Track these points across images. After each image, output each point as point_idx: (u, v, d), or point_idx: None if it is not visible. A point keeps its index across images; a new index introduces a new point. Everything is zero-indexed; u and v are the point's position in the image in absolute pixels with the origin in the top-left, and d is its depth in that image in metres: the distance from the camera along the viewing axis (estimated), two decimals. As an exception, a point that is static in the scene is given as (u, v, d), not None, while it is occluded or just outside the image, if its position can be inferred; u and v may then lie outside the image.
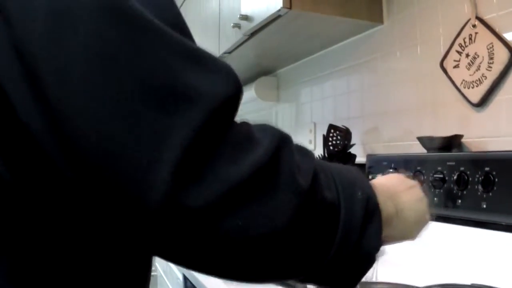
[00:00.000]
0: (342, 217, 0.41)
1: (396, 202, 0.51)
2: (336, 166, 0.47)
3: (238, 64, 2.12)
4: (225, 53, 1.89)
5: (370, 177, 1.44)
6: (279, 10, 1.38)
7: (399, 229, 0.51)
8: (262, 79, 2.28)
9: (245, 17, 1.58)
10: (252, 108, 2.58)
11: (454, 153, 1.15)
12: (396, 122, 1.50)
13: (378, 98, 1.58)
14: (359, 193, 0.44)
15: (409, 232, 0.53)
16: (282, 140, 0.39)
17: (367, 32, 1.61)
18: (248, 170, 0.35)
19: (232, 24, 1.67)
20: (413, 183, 0.56)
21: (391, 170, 1.31)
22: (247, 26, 1.59)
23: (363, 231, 0.43)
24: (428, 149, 1.23)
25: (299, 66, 2.11)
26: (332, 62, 1.83)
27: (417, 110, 1.40)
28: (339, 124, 1.71)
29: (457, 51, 1.24)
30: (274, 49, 1.89)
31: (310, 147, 2.01)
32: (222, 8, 1.90)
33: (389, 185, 0.53)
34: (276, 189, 0.36)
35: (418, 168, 1.24)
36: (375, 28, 1.57)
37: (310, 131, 2.00)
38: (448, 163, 1.15)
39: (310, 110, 2.03)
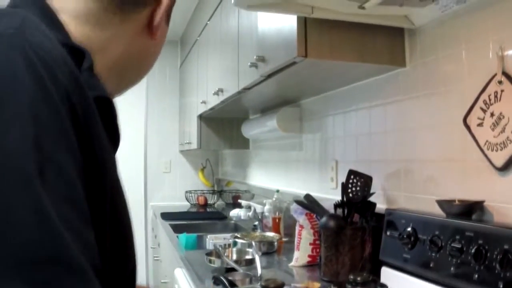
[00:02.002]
0: None
1: None
2: None
3: (259, 96, 2.09)
4: (244, 89, 1.86)
5: (388, 233, 1.37)
6: (294, 58, 1.33)
7: None
8: (285, 110, 2.23)
9: (262, 59, 1.55)
10: (275, 136, 2.54)
11: (473, 224, 1.07)
12: (418, 172, 1.42)
13: (401, 144, 1.51)
14: None
15: None
16: None
17: (389, 73, 1.54)
18: None
19: (249, 64, 1.64)
20: None
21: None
22: (264, 68, 1.56)
23: None
24: (447, 214, 1.15)
25: (322, 99, 2.05)
26: (355, 99, 1.76)
27: (439, 164, 1.32)
28: (360, 165, 1.65)
29: (482, 108, 1.16)
30: (294, 86, 1.84)
31: (331, 185, 1.95)
32: (241, 45, 1.87)
33: None
34: None
35: (436, 232, 1.17)
36: (398, 70, 1.50)
37: (332, 168, 1.94)
38: (466, 233, 1.07)
39: (332, 146, 1.97)
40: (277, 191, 2.38)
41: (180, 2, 1.61)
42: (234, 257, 1.78)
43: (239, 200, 2.66)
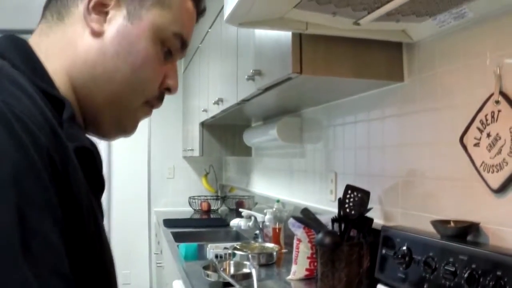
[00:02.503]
0: None
1: None
2: None
3: (259, 106, 2.08)
4: (243, 100, 1.85)
5: (383, 251, 1.35)
6: (289, 74, 1.32)
7: None
8: (285, 120, 2.22)
9: (258, 72, 1.54)
10: (276, 144, 2.53)
11: (467, 247, 1.05)
12: (415, 189, 1.40)
13: (398, 159, 1.49)
14: None
15: None
16: None
17: (388, 87, 1.52)
18: None
19: (246, 77, 1.63)
20: None
21: None
22: (261, 81, 1.54)
23: None
24: (442, 235, 1.13)
25: (322, 109, 2.03)
26: (355, 111, 1.75)
27: (436, 182, 1.30)
28: (359, 179, 1.63)
29: (478, 128, 1.14)
30: (294, 97, 1.83)
31: (331, 197, 1.94)
32: (240, 55, 1.86)
33: None
34: None
35: (431, 254, 1.15)
36: (397, 84, 1.48)
37: (332, 181, 1.92)
38: (460, 256, 1.05)
39: (331, 158, 1.95)
40: (278, 201, 2.37)
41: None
42: (232, 270, 1.77)
43: (240, 209, 2.65)
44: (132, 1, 0.62)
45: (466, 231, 1.10)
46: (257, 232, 2.47)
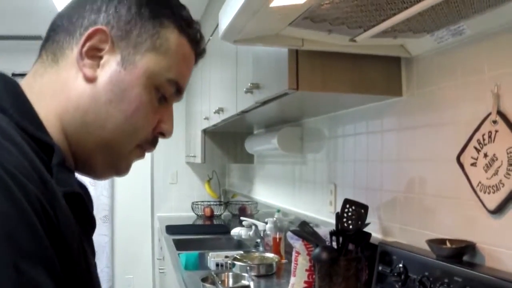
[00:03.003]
0: None
1: None
2: None
3: (260, 116, 2.08)
4: (243, 112, 1.85)
5: (380, 268, 1.34)
6: (285, 90, 1.31)
7: None
8: (286, 130, 2.21)
9: (256, 86, 1.53)
10: (278, 153, 2.52)
11: (462, 269, 1.04)
12: (413, 205, 1.39)
13: (397, 174, 1.48)
14: None
15: None
16: None
17: (387, 101, 1.51)
18: None
19: (245, 89, 1.62)
20: None
21: None
22: (259, 95, 1.54)
23: None
24: (437, 256, 1.12)
25: (322, 120, 2.02)
26: (354, 123, 1.74)
27: (434, 199, 1.29)
28: (357, 192, 1.62)
29: (475, 148, 1.12)
30: (293, 109, 1.82)
31: (330, 208, 1.93)
32: (239, 66, 1.86)
33: None
34: None
35: (426, 273, 1.14)
36: (395, 99, 1.46)
37: (331, 192, 1.91)
38: (455, 278, 1.04)
39: (331, 169, 1.94)
40: (278, 210, 2.37)
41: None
42: (230, 282, 1.77)
43: (242, 217, 2.64)
44: (127, 46, 0.61)
45: (462, 252, 1.09)
46: (258, 240, 2.46)
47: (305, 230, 1.62)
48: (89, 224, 0.59)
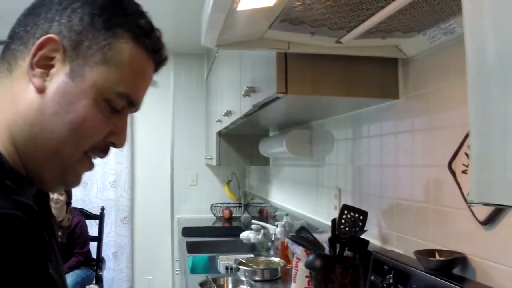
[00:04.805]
0: None
1: None
2: None
3: (267, 119, 2.05)
4: (246, 115, 1.83)
5: (372, 277, 1.29)
6: (274, 94, 1.28)
7: None
8: (294, 133, 2.17)
9: (252, 89, 1.51)
10: (289, 156, 2.48)
11: (452, 284, 0.98)
12: (409, 212, 1.33)
13: (395, 180, 1.42)
14: None
15: None
16: None
17: (384, 104, 1.45)
18: None
19: (243, 93, 1.60)
20: None
21: None
22: (254, 99, 1.52)
23: None
24: (426, 268, 1.07)
25: (327, 123, 1.98)
26: (356, 126, 1.68)
27: (427, 207, 1.23)
28: (359, 198, 1.58)
29: (466, 154, 1.06)
30: (294, 112, 1.79)
31: (335, 213, 1.88)
32: (243, 69, 1.84)
33: None
34: None
35: (414, 286, 1.08)
36: (392, 102, 1.41)
37: (335, 196, 1.86)
38: (442, 292, 0.98)
39: (336, 174, 1.90)
40: (286, 214, 2.33)
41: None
42: (230, 286, 1.75)
43: (252, 221, 2.62)
44: (77, 57, 0.60)
45: (451, 264, 1.03)
46: (270, 244, 2.44)
47: (303, 236, 1.58)
48: (41, 244, 0.54)
